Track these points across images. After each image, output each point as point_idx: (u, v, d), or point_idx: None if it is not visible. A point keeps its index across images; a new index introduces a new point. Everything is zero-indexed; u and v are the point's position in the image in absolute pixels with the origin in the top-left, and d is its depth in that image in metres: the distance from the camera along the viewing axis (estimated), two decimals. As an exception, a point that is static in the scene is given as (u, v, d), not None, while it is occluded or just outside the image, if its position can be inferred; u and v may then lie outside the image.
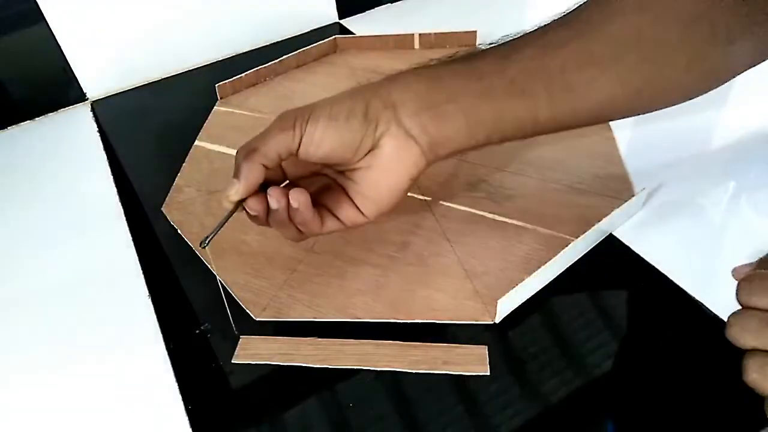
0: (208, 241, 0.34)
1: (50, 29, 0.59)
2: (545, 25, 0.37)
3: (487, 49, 0.37)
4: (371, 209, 0.37)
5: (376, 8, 0.77)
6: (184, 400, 0.35)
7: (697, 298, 0.37)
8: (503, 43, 0.37)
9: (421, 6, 0.76)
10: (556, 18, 0.37)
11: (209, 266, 0.42)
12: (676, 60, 0.36)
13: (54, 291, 0.43)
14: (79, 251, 0.46)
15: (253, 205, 0.35)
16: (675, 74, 0.37)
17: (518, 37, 0.37)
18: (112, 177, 0.53)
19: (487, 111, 0.36)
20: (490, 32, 0.66)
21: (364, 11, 0.76)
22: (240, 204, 0.35)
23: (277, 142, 0.34)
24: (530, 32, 0.37)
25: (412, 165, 0.36)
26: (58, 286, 0.43)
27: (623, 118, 0.40)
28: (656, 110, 0.39)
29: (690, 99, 0.38)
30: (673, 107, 0.39)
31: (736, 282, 0.29)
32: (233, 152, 0.53)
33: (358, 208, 0.37)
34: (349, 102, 0.35)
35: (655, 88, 0.37)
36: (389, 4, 0.77)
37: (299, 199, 0.35)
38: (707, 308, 0.36)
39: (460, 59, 0.37)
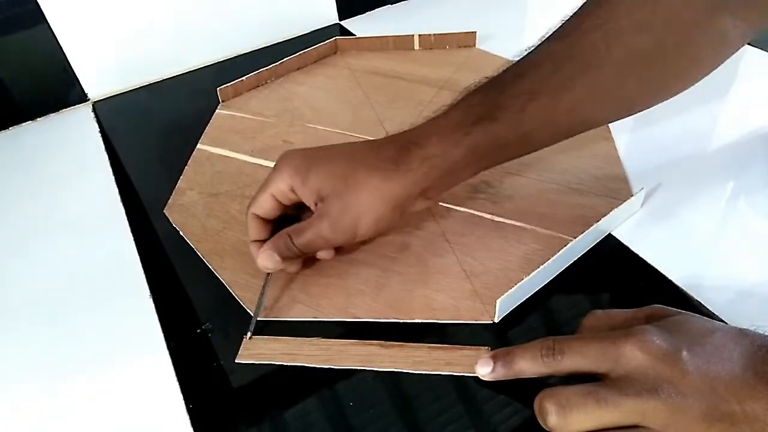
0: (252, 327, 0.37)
1: (52, 30, 0.59)
2: (550, 51, 0.37)
3: (505, 98, 0.37)
4: None
5: (376, 9, 0.77)
6: (185, 399, 0.35)
7: (696, 297, 0.37)
8: (516, 82, 0.37)
9: (421, 7, 0.77)
10: (557, 34, 0.38)
11: (210, 266, 0.43)
12: (673, 69, 0.37)
13: (56, 291, 0.43)
14: (80, 252, 0.46)
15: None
16: (670, 81, 0.38)
17: (527, 70, 0.37)
18: (113, 178, 0.53)
19: (493, 162, 0.40)
20: (490, 33, 0.67)
21: (364, 12, 0.76)
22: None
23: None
24: (538, 61, 0.37)
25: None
26: (59, 287, 0.43)
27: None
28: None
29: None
30: (672, 107, 0.39)
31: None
32: (234, 155, 0.54)
33: None
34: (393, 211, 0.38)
35: (647, 101, 0.39)
36: (389, 5, 0.78)
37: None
38: (706, 308, 0.36)
39: (479, 122, 0.37)
